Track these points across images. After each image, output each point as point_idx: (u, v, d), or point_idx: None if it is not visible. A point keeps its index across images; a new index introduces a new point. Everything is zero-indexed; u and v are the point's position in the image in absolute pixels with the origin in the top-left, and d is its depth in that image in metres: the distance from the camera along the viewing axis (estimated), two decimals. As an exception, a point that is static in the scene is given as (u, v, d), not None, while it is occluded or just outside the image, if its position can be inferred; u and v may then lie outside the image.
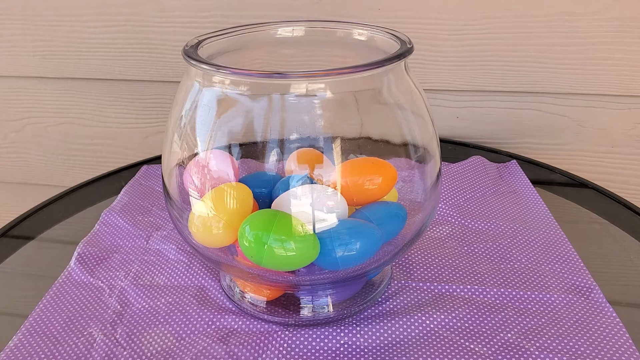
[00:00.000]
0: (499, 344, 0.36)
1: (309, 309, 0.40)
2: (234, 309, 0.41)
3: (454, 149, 0.64)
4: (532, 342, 0.36)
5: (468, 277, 0.42)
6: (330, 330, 0.38)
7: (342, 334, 0.38)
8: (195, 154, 0.37)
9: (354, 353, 0.36)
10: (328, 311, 0.39)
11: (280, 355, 0.36)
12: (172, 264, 0.46)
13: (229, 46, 0.40)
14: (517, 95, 0.64)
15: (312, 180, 0.34)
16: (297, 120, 0.35)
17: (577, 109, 0.64)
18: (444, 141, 0.64)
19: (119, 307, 0.41)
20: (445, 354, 0.36)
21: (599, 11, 0.58)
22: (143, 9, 0.65)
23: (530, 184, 0.55)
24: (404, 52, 0.34)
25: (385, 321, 0.38)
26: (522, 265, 0.44)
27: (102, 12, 0.66)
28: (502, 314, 0.39)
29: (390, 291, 0.41)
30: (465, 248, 0.46)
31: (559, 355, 0.35)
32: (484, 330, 0.38)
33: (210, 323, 0.39)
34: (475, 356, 0.36)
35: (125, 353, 0.37)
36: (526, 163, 0.60)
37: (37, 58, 0.71)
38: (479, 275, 0.43)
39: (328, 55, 0.42)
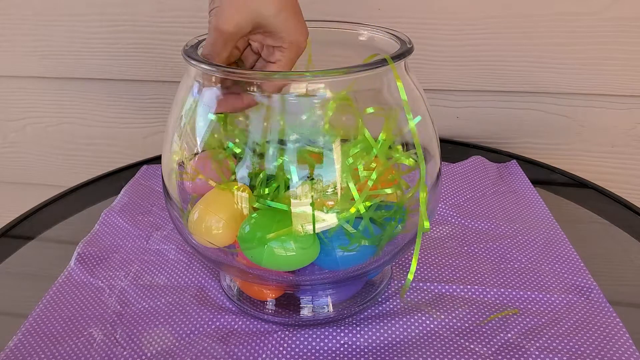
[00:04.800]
0: (499, 344, 0.36)
1: (309, 309, 0.40)
2: (233, 308, 0.41)
3: (454, 149, 0.64)
4: (532, 342, 0.36)
5: (468, 277, 0.42)
6: (330, 330, 0.38)
7: (342, 334, 0.38)
8: (195, 154, 0.37)
9: (354, 353, 0.36)
10: (328, 311, 0.39)
11: (280, 355, 0.36)
12: (172, 264, 0.46)
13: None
14: (517, 95, 0.64)
15: (312, 180, 0.34)
16: (297, 120, 0.35)
17: (577, 109, 0.64)
18: (444, 141, 0.64)
19: (119, 307, 0.41)
20: (445, 354, 0.36)
21: (599, 11, 0.58)
22: (143, 9, 0.65)
23: (530, 184, 0.55)
24: (404, 52, 0.34)
25: (385, 321, 0.38)
26: (522, 265, 0.44)
27: (102, 12, 0.66)
28: (502, 314, 0.39)
29: (390, 291, 0.41)
30: (465, 248, 0.46)
31: (559, 355, 0.35)
32: (484, 330, 0.38)
33: (210, 323, 0.39)
34: (475, 356, 0.36)
35: (125, 353, 0.37)
36: (526, 163, 0.60)
37: (37, 58, 0.71)
38: (479, 275, 0.43)
39: (328, 55, 0.42)
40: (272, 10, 0.33)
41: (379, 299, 0.41)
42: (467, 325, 0.38)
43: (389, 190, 0.35)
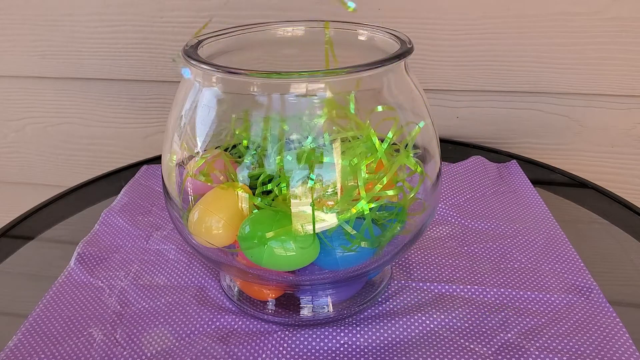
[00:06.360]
0: (499, 344, 0.36)
1: (309, 309, 0.40)
2: (233, 309, 0.41)
3: (454, 149, 0.64)
4: (532, 342, 0.36)
5: (468, 277, 0.42)
6: (330, 330, 0.38)
7: (342, 334, 0.38)
8: (195, 154, 0.37)
9: (353, 353, 0.36)
10: (328, 311, 0.39)
11: (280, 355, 0.36)
12: (172, 264, 0.46)
13: (229, 46, 0.40)
14: (517, 95, 0.64)
15: (312, 180, 0.34)
16: (297, 120, 0.35)
17: (577, 109, 0.64)
18: (444, 141, 0.64)
19: (119, 307, 0.41)
20: (445, 354, 0.36)
21: (598, 11, 0.58)
22: (143, 9, 0.65)
23: (530, 184, 0.55)
24: (404, 52, 0.34)
25: (385, 321, 0.38)
26: (522, 265, 0.44)
27: (102, 12, 0.66)
28: (502, 314, 0.39)
29: (390, 291, 0.41)
30: (465, 248, 0.46)
31: (559, 355, 0.35)
32: (484, 330, 0.38)
33: (210, 323, 0.39)
34: (475, 356, 0.36)
35: (125, 353, 0.37)
36: (526, 163, 0.60)
37: (37, 58, 0.71)
38: (479, 275, 0.43)
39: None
40: None
41: (379, 299, 0.41)
42: (467, 325, 0.38)
43: (391, 192, 0.35)
